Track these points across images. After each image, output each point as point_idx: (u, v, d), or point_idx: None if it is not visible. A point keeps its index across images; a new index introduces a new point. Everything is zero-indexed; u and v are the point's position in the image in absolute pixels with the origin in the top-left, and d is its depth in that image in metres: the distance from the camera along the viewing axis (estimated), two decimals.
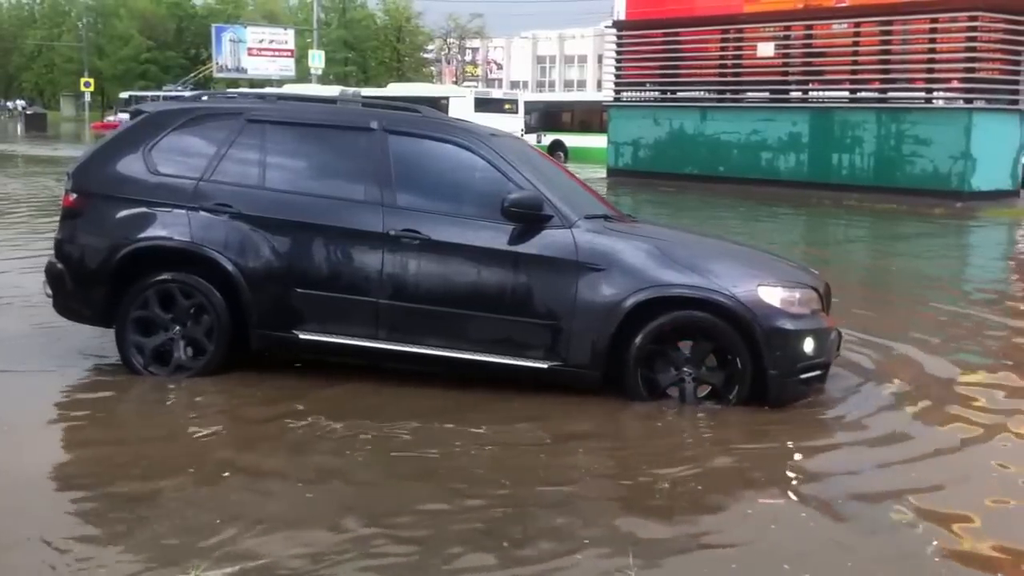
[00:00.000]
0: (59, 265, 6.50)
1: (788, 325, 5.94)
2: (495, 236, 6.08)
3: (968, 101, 22.12)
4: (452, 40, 74.23)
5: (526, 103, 40.92)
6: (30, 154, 34.85)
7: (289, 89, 42.56)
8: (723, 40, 26.29)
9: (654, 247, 6.13)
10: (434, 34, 72.64)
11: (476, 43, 78.23)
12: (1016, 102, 22.73)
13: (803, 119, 24.45)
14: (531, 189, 6.12)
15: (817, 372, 6.16)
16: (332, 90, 41.41)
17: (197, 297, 6.26)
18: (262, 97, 7.47)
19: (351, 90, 39.99)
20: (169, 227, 6.30)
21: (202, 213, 6.28)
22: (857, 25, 23.92)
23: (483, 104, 36.60)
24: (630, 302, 5.90)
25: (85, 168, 6.66)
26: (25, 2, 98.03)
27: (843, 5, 23.90)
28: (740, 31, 25.86)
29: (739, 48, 26.08)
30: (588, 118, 40.10)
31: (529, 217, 6.04)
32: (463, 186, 6.38)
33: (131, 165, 6.49)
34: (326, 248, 6.19)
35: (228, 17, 71.87)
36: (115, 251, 6.31)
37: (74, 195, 6.53)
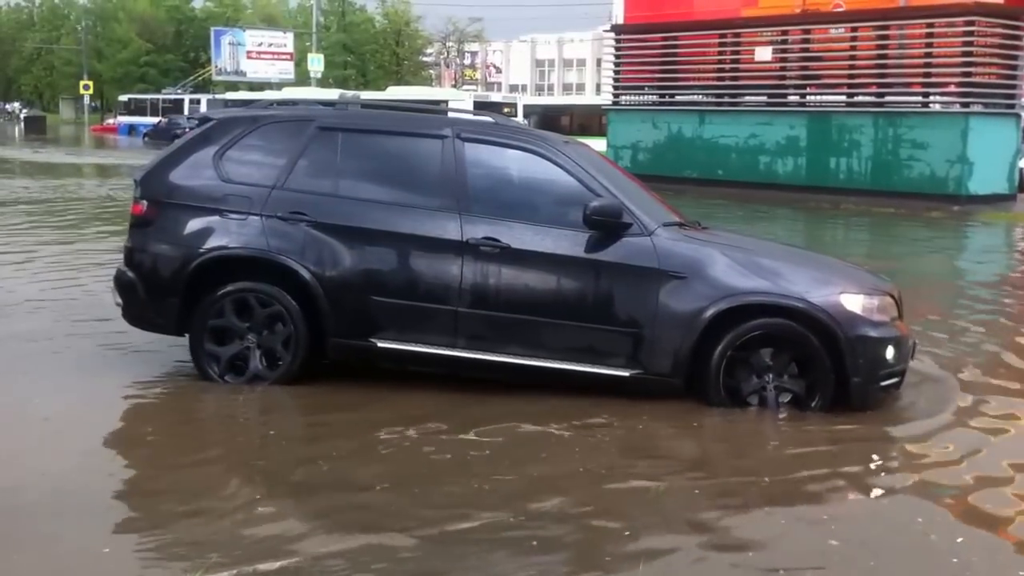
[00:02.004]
0: (130, 274, 6.45)
1: (871, 333, 5.97)
2: (574, 244, 6.09)
3: (965, 105, 22.19)
4: (451, 44, 74.24)
5: (525, 107, 40.96)
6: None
7: (289, 93, 42.58)
8: (721, 44, 26.37)
9: (735, 255, 6.15)
10: (433, 38, 72.62)
11: (475, 47, 78.24)
12: (1013, 106, 22.83)
13: (801, 123, 24.53)
14: (610, 197, 6.13)
15: (896, 379, 6.21)
16: (332, 93, 41.41)
17: (274, 306, 6.23)
18: (331, 104, 7.40)
19: (350, 93, 40.03)
20: (243, 236, 6.26)
21: (276, 221, 6.25)
22: (854, 29, 24.06)
23: (482, 108, 36.51)
24: (712, 310, 5.91)
25: (154, 176, 6.58)
26: (24, 5, 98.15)
27: (840, 9, 23.98)
28: (738, 35, 25.95)
29: (737, 52, 26.16)
30: (587, 122, 40.10)
31: (610, 225, 6.05)
32: (539, 193, 6.37)
33: (202, 173, 6.45)
34: (403, 256, 6.19)
35: (227, 20, 71.84)
36: (189, 260, 6.27)
37: (144, 203, 6.46)
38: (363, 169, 6.45)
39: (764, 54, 25.31)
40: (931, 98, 23.29)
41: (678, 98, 27.42)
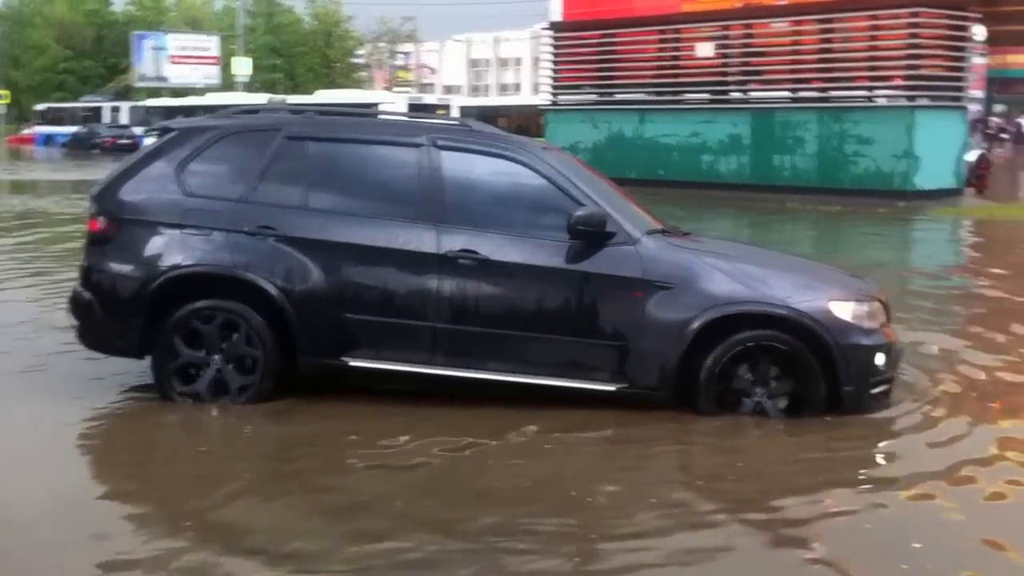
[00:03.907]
0: (87, 294, 6.18)
1: (862, 340, 5.87)
2: (555, 254, 5.94)
3: (911, 99, 21.88)
4: (383, 45, 73.29)
5: (461, 108, 40.47)
6: None
7: (214, 98, 41.47)
8: (661, 41, 25.91)
9: (722, 263, 6.02)
10: (365, 39, 71.65)
11: (408, 47, 77.37)
12: (960, 99, 22.59)
13: (744, 120, 24.08)
14: (593, 205, 5.96)
15: (886, 387, 6.10)
16: (259, 98, 40.37)
17: (239, 324, 5.99)
18: (300, 112, 7.07)
19: (278, 98, 38.99)
20: (207, 252, 6.03)
21: (243, 236, 6.02)
22: (797, 24, 23.73)
23: (416, 110, 35.80)
24: (700, 321, 5.77)
25: (111, 190, 6.28)
26: None
27: (782, 3, 23.64)
28: (678, 31, 25.52)
29: (677, 49, 25.70)
30: (525, 122, 39.49)
31: (593, 234, 5.88)
32: (518, 203, 6.20)
33: (163, 186, 6.20)
34: (377, 270, 6.01)
35: (149, 24, 70.12)
36: (150, 279, 6.01)
37: (101, 219, 6.19)
38: (334, 180, 6.25)
39: (705, 50, 24.89)
40: (876, 92, 22.99)
41: (618, 97, 26.94)
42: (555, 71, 28.17)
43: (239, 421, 5.92)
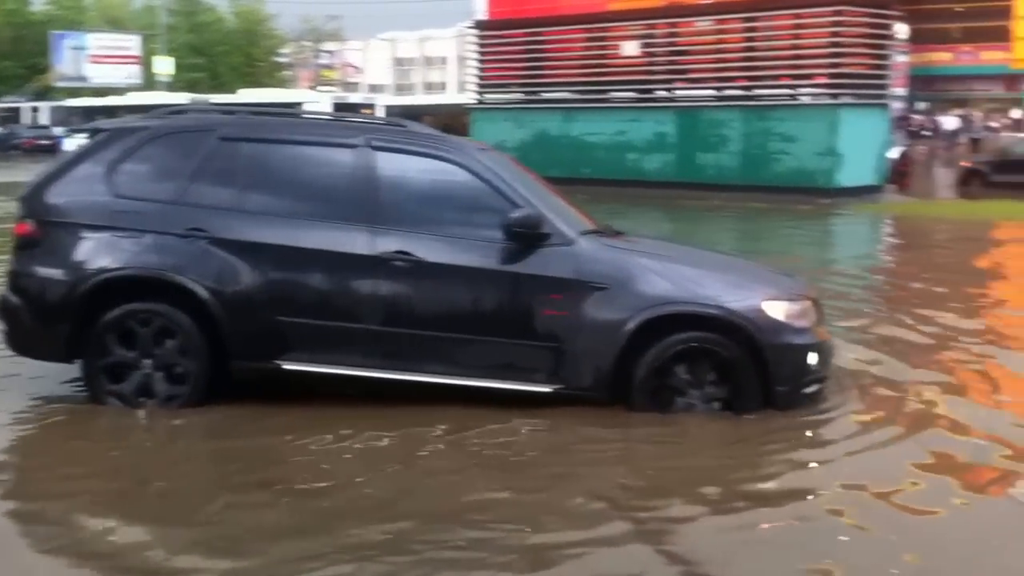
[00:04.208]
0: (14, 299, 6.04)
1: (795, 340, 5.88)
2: (491, 256, 5.90)
3: (834, 97, 22.10)
4: (307, 43, 72.44)
5: (386, 107, 40.05)
6: None
7: (136, 98, 40.64)
8: (587, 39, 25.97)
9: (656, 263, 6.02)
10: (288, 37, 70.75)
11: (333, 46, 76.58)
12: (882, 96, 22.85)
13: (669, 119, 24.16)
14: (529, 207, 5.92)
15: (818, 385, 6.09)
16: (182, 97, 39.61)
17: (169, 328, 5.87)
18: (232, 112, 6.95)
19: (201, 97, 38.30)
20: (138, 255, 5.92)
21: (174, 238, 5.92)
22: (721, 22, 23.84)
23: (341, 109, 35.33)
24: (635, 322, 5.74)
25: (39, 192, 6.15)
26: None
27: (706, 2, 23.78)
28: (604, 30, 25.60)
29: (603, 47, 25.78)
30: (451, 121, 39.20)
31: (529, 236, 5.85)
32: (454, 204, 6.12)
33: (92, 188, 6.07)
34: (311, 273, 5.92)
35: (69, 24, 68.50)
36: (79, 283, 5.88)
37: (29, 222, 6.06)
38: (268, 181, 6.14)
39: (631, 49, 24.93)
40: (800, 90, 23.16)
41: (544, 95, 26.93)
42: (481, 70, 28.03)
43: (161, 428, 5.79)
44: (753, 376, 5.79)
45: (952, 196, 25.47)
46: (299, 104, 35.12)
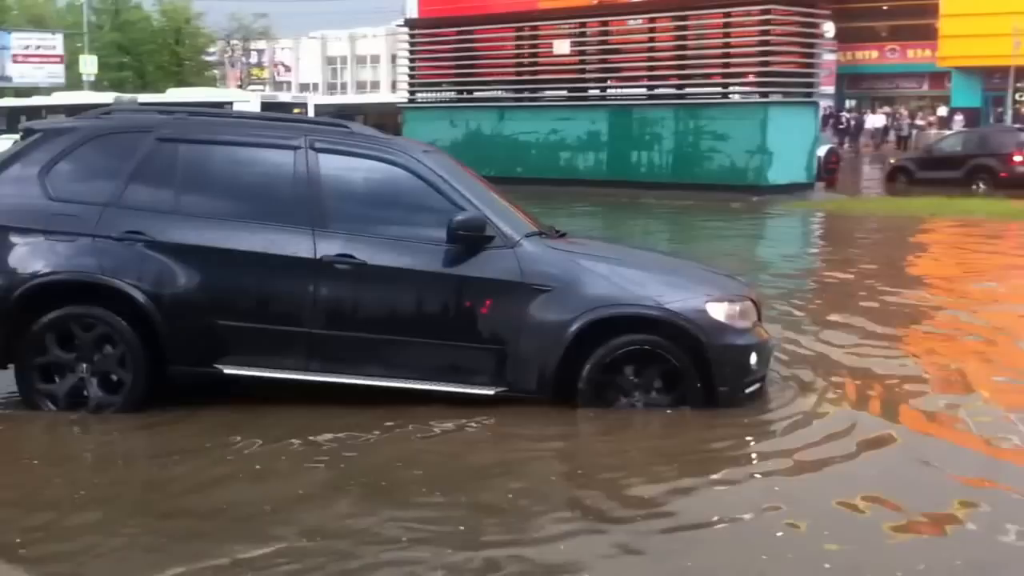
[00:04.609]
0: None
1: (736, 341, 5.93)
2: (434, 258, 5.90)
3: (764, 95, 22.24)
4: (236, 42, 71.35)
5: (317, 106, 39.52)
6: None
7: (60, 98, 39.72)
8: (519, 38, 25.83)
9: (600, 265, 6.03)
10: (216, 36, 69.54)
11: (262, 44, 75.58)
12: (811, 95, 23.06)
13: (602, 117, 24.14)
14: (473, 209, 5.92)
15: (758, 385, 6.17)
16: (108, 97, 38.78)
17: (105, 332, 5.82)
18: (171, 112, 6.77)
19: (127, 96, 37.52)
20: (73, 259, 5.86)
21: (110, 242, 5.86)
22: (652, 20, 23.89)
23: (271, 108, 34.82)
24: (578, 324, 5.76)
25: None
26: None
27: (638, 0, 23.76)
28: (536, 28, 25.54)
29: (535, 46, 25.66)
30: (383, 120, 38.90)
31: (473, 238, 5.85)
32: (397, 206, 6.12)
33: (25, 190, 5.99)
34: (251, 276, 5.89)
35: None
36: (12, 288, 5.83)
37: None
38: (207, 183, 6.11)
39: (562, 47, 24.91)
40: (730, 89, 23.29)
41: (476, 94, 26.73)
42: (412, 68, 27.77)
43: (87, 431, 5.78)
44: (696, 378, 5.84)
45: (880, 193, 25.97)
46: (229, 103, 34.51)
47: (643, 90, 24.23)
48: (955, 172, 25.24)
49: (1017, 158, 24.97)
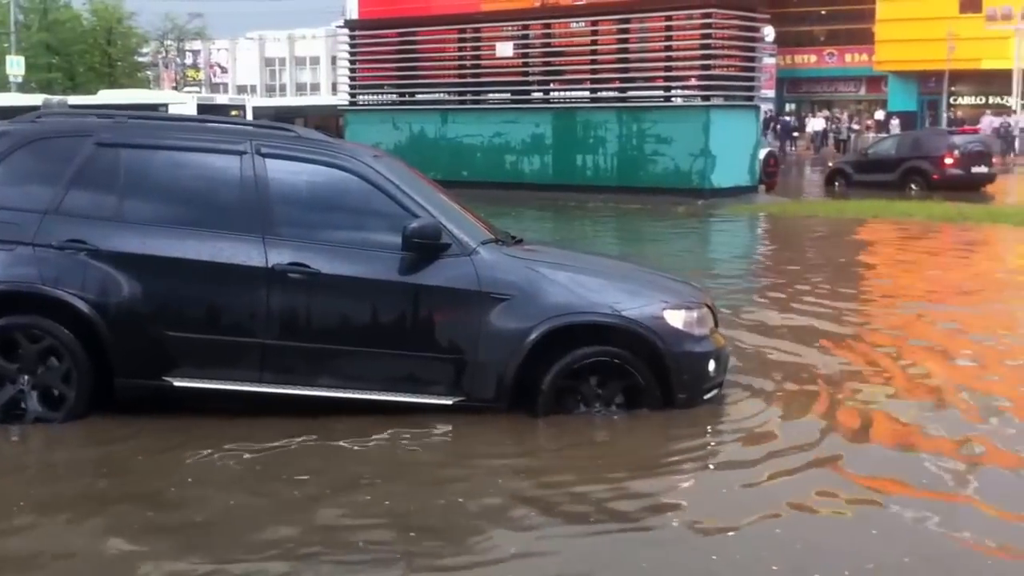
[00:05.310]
0: None
1: (695, 348, 5.92)
2: (389, 267, 5.78)
3: (706, 98, 22.28)
4: (170, 42, 70.21)
5: (255, 108, 39.01)
6: None
7: None
8: (461, 40, 25.65)
9: (558, 273, 5.97)
10: (150, 36, 68.36)
11: (197, 45, 74.47)
12: (752, 98, 23.24)
13: (546, 120, 24.01)
14: (428, 216, 5.81)
15: (716, 391, 6.18)
16: (35, 99, 37.85)
17: (53, 345, 5.66)
18: (111, 116, 6.53)
19: (55, 98, 36.66)
20: (10, 268, 5.70)
21: (51, 251, 5.69)
22: (595, 23, 23.88)
23: (207, 111, 34.22)
24: (536, 333, 5.71)
25: None
26: None
27: (580, 3, 23.81)
28: (478, 30, 25.34)
29: (478, 48, 25.46)
30: (323, 123, 38.49)
31: (428, 246, 5.75)
32: (349, 213, 5.99)
33: None
34: (200, 286, 5.74)
35: None
36: None
37: None
38: (151, 189, 5.96)
39: (505, 50, 24.74)
40: (673, 92, 23.32)
41: (419, 97, 26.44)
42: (353, 71, 27.35)
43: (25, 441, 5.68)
44: (654, 386, 5.84)
45: (819, 195, 26.27)
46: (164, 106, 33.85)
47: (586, 93, 24.18)
48: (890, 175, 25.68)
49: (948, 160, 25.42)
